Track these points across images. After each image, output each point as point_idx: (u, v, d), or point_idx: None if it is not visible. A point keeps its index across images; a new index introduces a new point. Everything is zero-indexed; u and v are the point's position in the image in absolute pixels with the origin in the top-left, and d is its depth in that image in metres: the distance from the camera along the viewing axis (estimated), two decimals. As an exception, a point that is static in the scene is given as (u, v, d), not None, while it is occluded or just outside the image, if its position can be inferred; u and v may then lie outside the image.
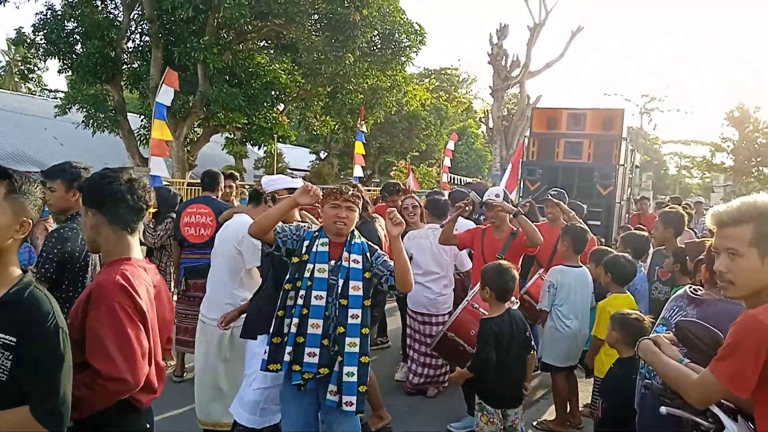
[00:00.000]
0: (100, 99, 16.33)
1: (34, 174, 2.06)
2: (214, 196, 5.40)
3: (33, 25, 15.37)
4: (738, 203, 1.81)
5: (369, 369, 2.99)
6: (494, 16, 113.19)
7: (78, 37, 15.55)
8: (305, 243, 2.99)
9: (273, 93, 17.57)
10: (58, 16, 15.35)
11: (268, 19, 15.82)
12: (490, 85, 24.62)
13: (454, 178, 22.02)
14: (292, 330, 2.86)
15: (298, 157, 29.89)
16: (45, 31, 15.20)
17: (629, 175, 10.97)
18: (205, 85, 15.35)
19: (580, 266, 4.57)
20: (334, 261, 2.95)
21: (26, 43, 16.41)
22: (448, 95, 33.53)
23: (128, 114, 16.95)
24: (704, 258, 2.59)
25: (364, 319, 2.92)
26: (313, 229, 3.08)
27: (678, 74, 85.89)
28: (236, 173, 7.41)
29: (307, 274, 2.91)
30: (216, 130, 17.87)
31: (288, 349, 2.84)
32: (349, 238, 3.01)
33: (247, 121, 16.35)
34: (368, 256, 3.01)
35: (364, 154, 15.75)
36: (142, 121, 17.51)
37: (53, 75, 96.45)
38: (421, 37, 17.88)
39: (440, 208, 5.37)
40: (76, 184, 3.00)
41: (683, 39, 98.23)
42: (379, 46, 17.52)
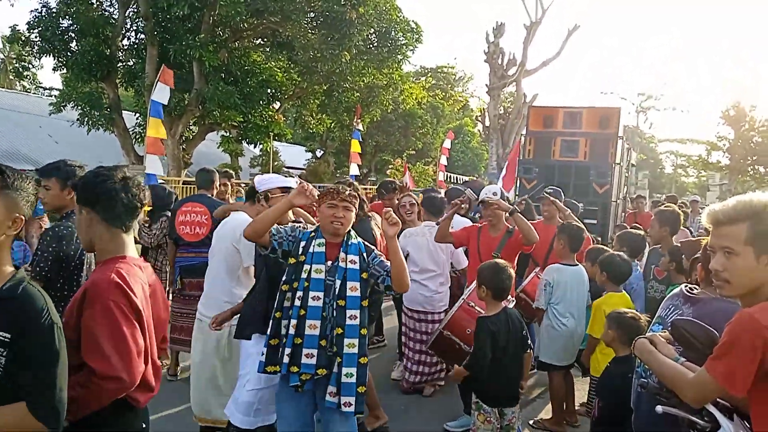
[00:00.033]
0: (95, 97, 16.30)
1: (29, 172, 2.05)
2: (210, 194, 5.39)
3: (28, 23, 15.32)
4: (734, 202, 1.81)
5: (367, 369, 2.98)
6: (491, 14, 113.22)
7: (73, 35, 15.48)
8: (302, 244, 2.97)
9: (269, 91, 17.51)
10: (53, 14, 15.29)
11: (264, 17, 15.78)
12: (486, 84, 24.68)
13: (451, 176, 22.03)
14: (291, 331, 2.84)
15: (294, 156, 29.87)
16: (40, 29, 15.14)
17: (625, 174, 11.00)
18: (201, 82, 15.31)
19: (577, 265, 4.58)
20: (330, 262, 2.93)
21: (21, 41, 16.35)
22: (444, 93, 33.51)
23: (123, 112, 16.88)
24: (700, 257, 2.58)
25: (363, 319, 2.90)
26: (309, 230, 3.06)
27: (674, 73, 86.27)
28: (231, 171, 7.40)
29: (304, 275, 2.89)
30: (212, 128, 17.82)
31: (287, 351, 2.83)
32: (345, 239, 2.99)
33: (242, 119, 16.33)
34: (365, 256, 2.99)
35: (361, 152, 15.78)
36: (137, 119, 17.47)
37: (48, 72, 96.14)
38: (417, 35, 17.87)
39: (437, 205, 5.37)
40: (70, 182, 3.00)
41: (680, 37, 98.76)
42: (375, 44, 17.47)
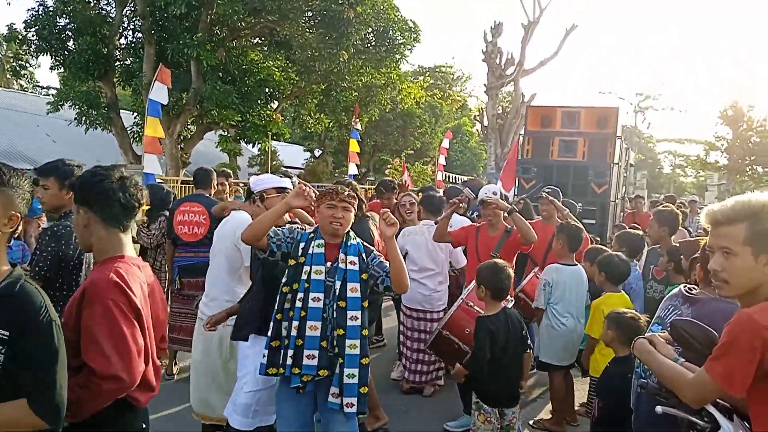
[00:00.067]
0: (92, 96, 16.26)
1: (27, 171, 2.04)
2: (207, 193, 5.39)
3: (25, 21, 15.32)
4: (732, 202, 1.81)
5: (369, 370, 2.97)
6: (488, 13, 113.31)
7: (70, 34, 15.46)
8: (301, 245, 2.95)
9: (267, 90, 17.48)
10: (50, 13, 15.26)
11: (262, 16, 15.76)
12: (484, 83, 24.68)
13: (449, 176, 22.04)
14: (293, 333, 2.83)
15: (292, 155, 29.84)
16: (37, 28, 15.12)
17: (624, 174, 11.00)
18: (199, 82, 15.28)
19: (575, 264, 4.58)
20: (330, 263, 2.92)
21: (18, 39, 16.35)
22: (442, 93, 33.53)
23: (121, 111, 16.86)
24: (699, 257, 2.58)
25: (363, 320, 2.90)
26: (307, 231, 3.05)
27: (672, 72, 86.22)
28: (229, 171, 7.40)
29: (304, 277, 2.88)
30: (210, 128, 17.79)
31: (290, 353, 2.82)
32: (345, 239, 2.98)
33: (240, 119, 16.29)
34: (364, 257, 2.98)
35: (359, 152, 15.78)
36: (135, 118, 17.43)
37: (45, 71, 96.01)
38: (415, 35, 17.87)
39: (435, 204, 5.37)
40: (69, 181, 2.98)
41: (678, 37, 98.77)
42: (373, 43, 17.47)
